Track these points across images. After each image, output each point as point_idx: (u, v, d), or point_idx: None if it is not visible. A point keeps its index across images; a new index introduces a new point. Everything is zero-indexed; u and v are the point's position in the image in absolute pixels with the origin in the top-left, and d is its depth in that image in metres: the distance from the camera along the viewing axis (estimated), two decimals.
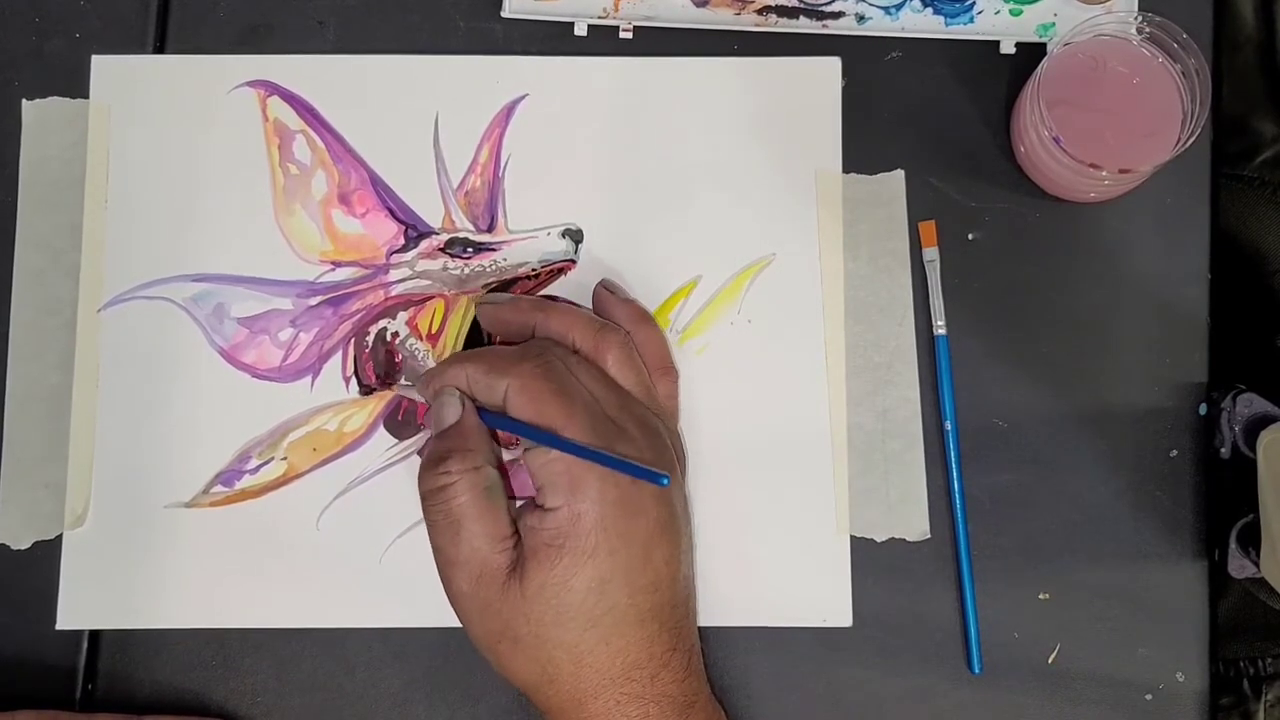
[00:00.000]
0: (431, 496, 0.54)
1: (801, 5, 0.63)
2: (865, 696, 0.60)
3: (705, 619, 0.60)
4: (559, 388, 0.53)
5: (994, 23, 0.63)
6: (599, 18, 0.62)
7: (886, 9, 0.63)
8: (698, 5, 0.63)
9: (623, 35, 0.62)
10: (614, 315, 0.59)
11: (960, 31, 0.63)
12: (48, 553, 0.60)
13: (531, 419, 0.53)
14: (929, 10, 0.63)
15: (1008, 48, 0.63)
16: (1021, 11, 0.63)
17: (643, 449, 0.54)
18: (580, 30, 0.62)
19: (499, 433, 0.56)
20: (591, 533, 0.52)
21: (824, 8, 0.63)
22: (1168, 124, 0.58)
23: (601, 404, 0.54)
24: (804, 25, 0.63)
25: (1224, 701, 0.62)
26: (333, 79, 0.62)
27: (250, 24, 0.63)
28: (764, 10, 0.63)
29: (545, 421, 0.52)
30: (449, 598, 0.54)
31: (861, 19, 0.63)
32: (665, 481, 0.51)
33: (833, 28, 0.63)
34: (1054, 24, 0.62)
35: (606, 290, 0.59)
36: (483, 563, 0.53)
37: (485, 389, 0.54)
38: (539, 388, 0.53)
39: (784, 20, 0.63)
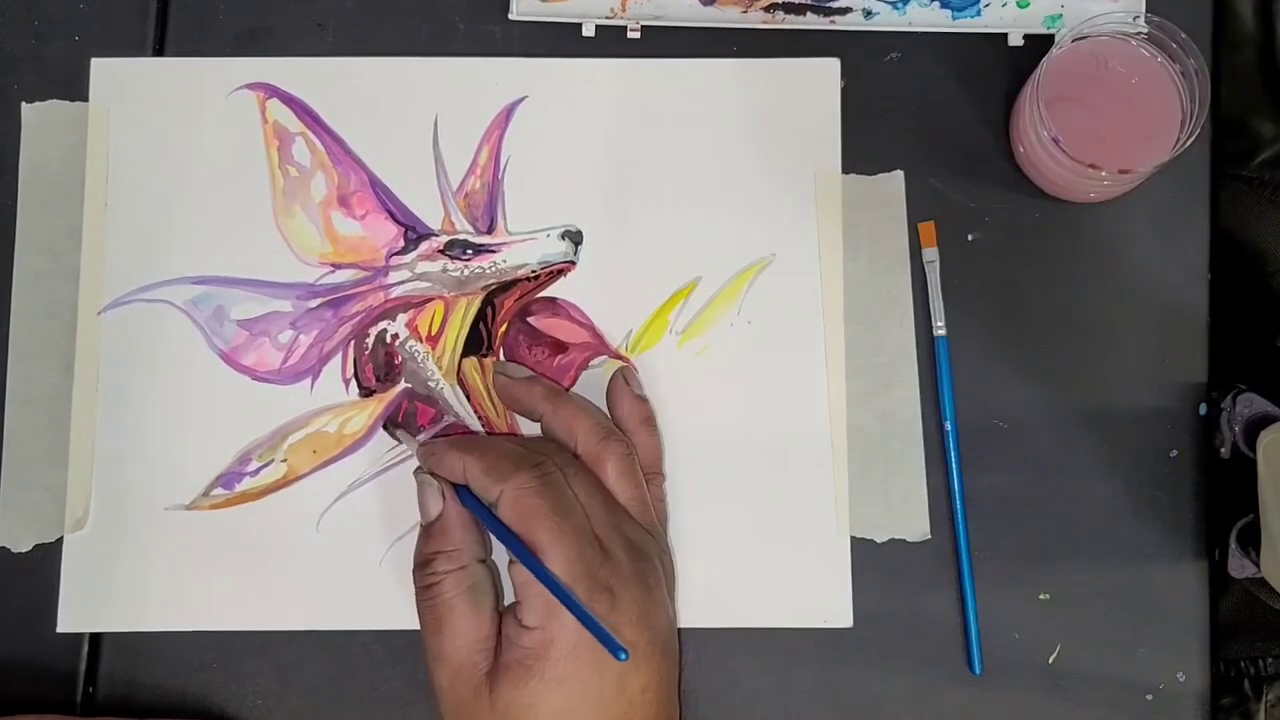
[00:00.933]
0: (421, 594, 0.55)
1: (809, 2, 0.63)
2: (865, 697, 0.60)
3: (706, 620, 0.60)
4: (551, 506, 0.52)
5: (1001, 15, 0.63)
6: (606, 18, 0.62)
7: (894, 3, 0.62)
8: (705, 3, 0.62)
9: (630, 35, 0.62)
10: (621, 409, 0.59)
11: (968, 25, 0.62)
12: (48, 556, 0.60)
13: (519, 534, 0.52)
14: (936, 4, 0.63)
15: (1016, 40, 0.62)
16: (1029, 3, 0.63)
17: (626, 576, 0.53)
18: (588, 31, 0.62)
19: None
20: (563, 659, 0.52)
21: (831, 3, 0.62)
22: (1167, 124, 0.58)
23: (593, 522, 0.53)
24: (811, 21, 0.63)
25: (1224, 702, 0.62)
26: (332, 81, 0.62)
27: (249, 26, 0.63)
28: (771, 7, 0.63)
29: (531, 540, 0.52)
30: (434, 690, 0.55)
31: (869, 14, 0.62)
32: (624, 656, 0.50)
33: (840, 23, 0.62)
34: (1061, 15, 0.62)
35: (623, 380, 0.59)
36: (460, 663, 0.53)
37: (479, 486, 0.54)
38: (531, 504, 0.52)
39: (791, 17, 0.63)
